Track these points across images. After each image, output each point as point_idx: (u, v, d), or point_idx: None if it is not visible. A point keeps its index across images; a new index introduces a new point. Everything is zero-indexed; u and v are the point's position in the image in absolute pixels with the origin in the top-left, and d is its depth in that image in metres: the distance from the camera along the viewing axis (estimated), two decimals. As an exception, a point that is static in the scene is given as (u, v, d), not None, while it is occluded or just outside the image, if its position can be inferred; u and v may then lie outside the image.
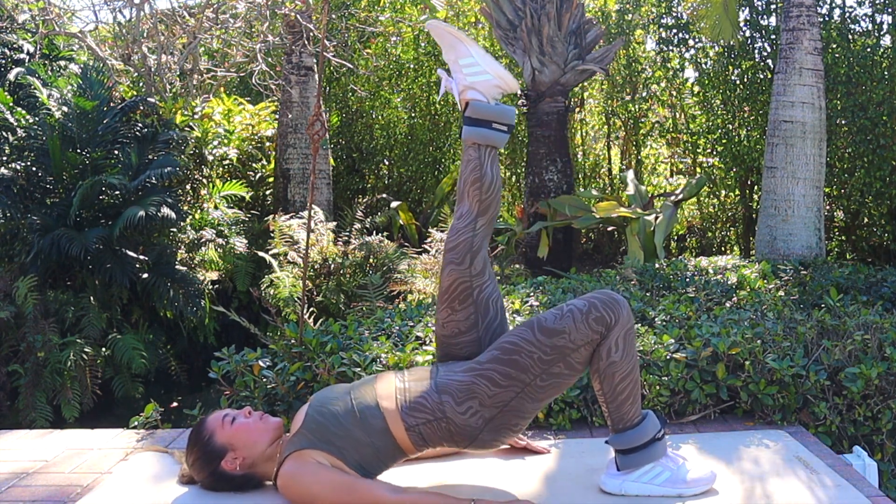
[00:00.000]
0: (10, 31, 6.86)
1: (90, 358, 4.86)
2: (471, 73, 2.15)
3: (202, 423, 2.16)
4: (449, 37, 2.15)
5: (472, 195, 2.13)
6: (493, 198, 2.14)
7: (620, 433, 2.09)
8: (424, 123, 8.87)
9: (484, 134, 2.13)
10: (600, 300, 2.02)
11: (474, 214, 2.13)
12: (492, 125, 2.13)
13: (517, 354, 2.00)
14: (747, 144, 6.82)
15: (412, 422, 2.01)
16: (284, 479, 2.01)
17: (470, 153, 2.15)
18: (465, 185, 2.14)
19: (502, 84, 2.15)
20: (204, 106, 6.91)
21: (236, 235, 6.28)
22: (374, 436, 2.02)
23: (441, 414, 2.00)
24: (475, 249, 2.11)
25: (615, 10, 8.47)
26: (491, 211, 2.14)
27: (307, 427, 2.05)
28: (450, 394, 2.01)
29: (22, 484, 2.40)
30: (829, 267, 4.70)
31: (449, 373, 2.06)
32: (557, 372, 2.00)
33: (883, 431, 2.68)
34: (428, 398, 2.02)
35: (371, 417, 2.03)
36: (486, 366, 2.02)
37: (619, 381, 2.03)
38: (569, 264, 6.42)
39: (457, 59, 2.16)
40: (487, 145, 2.14)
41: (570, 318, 2.00)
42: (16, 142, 5.48)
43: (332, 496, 1.95)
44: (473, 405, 2.00)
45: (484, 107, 2.14)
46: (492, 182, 2.13)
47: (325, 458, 2.01)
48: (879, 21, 6.68)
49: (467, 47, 2.14)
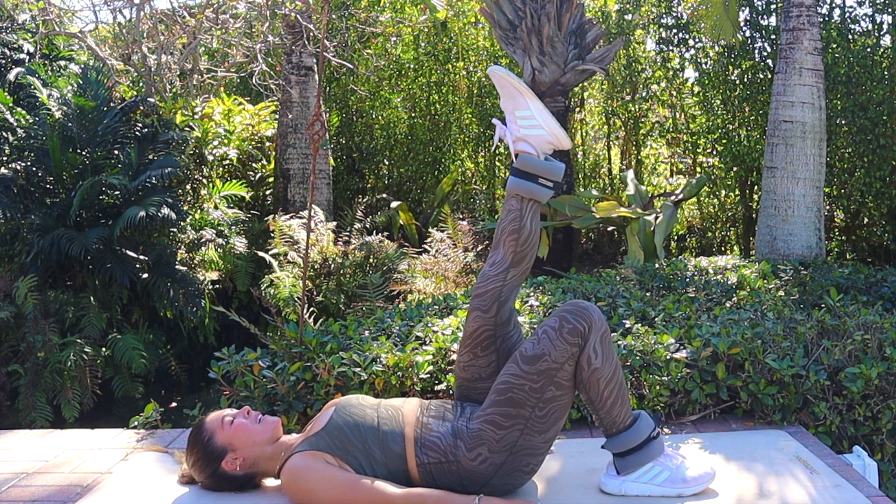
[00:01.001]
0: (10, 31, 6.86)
1: (90, 358, 4.86)
2: (526, 126, 2.16)
3: (202, 423, 2.17)
4: (510, 88, 2.16)
5: (508, 245, 2.15)
6: (529, 251, 2.16)
7: (615, 437, 2.10)
8: (424, 123, 8.87)
9: (529, 188, 2.15)
10: (569, 312, 2.03)
11: (507, 265, 2.15)
12: (538, 180, 2.15)
13: (510, 392, 2.01)
14: (747, 144, 6.82)
15: (424, 459, 2.02)
16: (289, 473, 2.01)
17: (512, 203, 2.17)
18: (503, 234, 2.17)
19: (555, 141, 2.16)
20: (204, 106, 6.91)
21: (236, 235, 6.28)
22: (390, 459, 2.03)
23: (453, 457, 2.02)
24: (503, 300, 2.14)
25: (615, 10, 8.47)
26: (525, 263, 2.17)
27: (328, 431, 2.06)
28: (463, 439, 2.03)
29: (22, 484, 2.40)
30: (829, 267, 4.70)
31: (466, 419, 2.08)
32: (550, 396, 2.01)
33: (883, 431, 2.68)
34: (443, 439, 2.04)
35: (392, 442, 2.04)
36: (488, 411, 2.03)
37: (605, 386, 2.03)
38: (569, 264, 6.42)
39: (514, 110, 2.18)
40: (531, 199, 2.16)
41: (546, 339, 2.01)
42: (16, 142, 5.48)
43: (336, 492, 1.96)
44: (483, 452, 2.01)
45: (534, 161, 2.15)
46: (529, 235, 2.15)
47: (335, 461, 2.02)
48: (879, 21, 6.68)
49: (527, 100, 2.15)
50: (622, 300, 3.57)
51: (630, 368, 2.74)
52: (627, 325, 3.14)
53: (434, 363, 2.83)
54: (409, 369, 2.77)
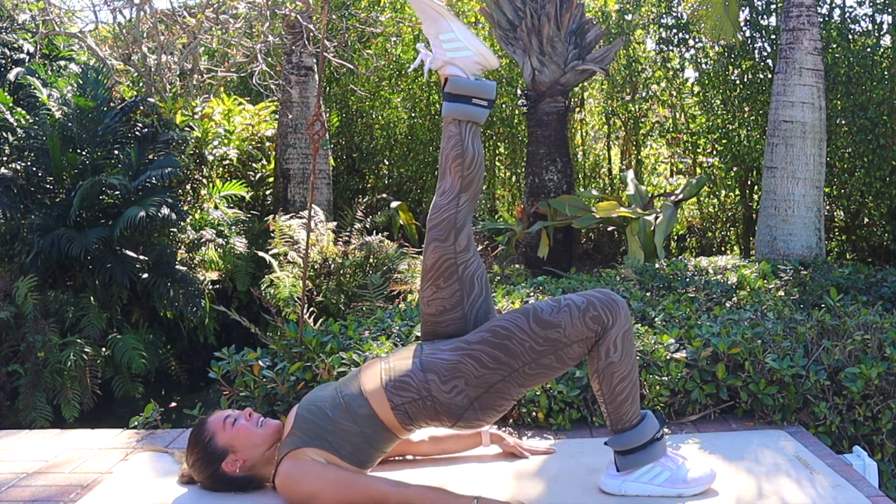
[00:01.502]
0: (10, 31, 6.86)
1: (90, 358, 4.86)
2: (451, 49, 2.12)
3: (203, 424, 2.16)
4: (430, 10, 2.11)
5: (454, 171, 2.11)
6: (476, 174, 2.12)
7: (619, 434, 2.09)
8: (424, 123, 8.87)
9: (464, 109, 2.10)
10: (599, 299, 2.01)
11: (457, 191, 2.11)
12: (472, 100, 2.11)
13: (508, 340, 1.99)
14: (747, 144, 6.82)
15: (398, 401, 2.01)
16: (282, 480, 2.01)
17: (451, 129, 2.12)
18: (447, 161, 2.12)
19: (482, 60, 2.12)
20: (204, 106, 6.91)
21: (236, 235, 6.28)
22: (362, 423, 2.02)
23: (426, 392, 2.00)
24: (459, 226, 2.09)
25: (615, 10, 8.47)
26: (473, 187, 2.12)
27: (298, 426, 2.06)
28: (435, 372, 2.01)
29: (22, 484, 2.40)
30: (829, 267, 4.70)
31: (434, 351, 2.05)
32: (547, 364, 2.00)
33: (883, 431, 2.68)
34: (413, 377, 2.02)
35: (357, 406, 2.04)
36: (475, 346, 2.01)
37: (618, 381, 2.02)
38: (569, 264, 6.42)
39: (438, 34, 2.13)
40: (468, 121, 2.11)
41: (567, 312, 1.99)
42: (16, 142, 5.48)
43: (332, 492, 1.96)
44: (459, 384, 1.99)
45: (464, 82, 2.11)
46: (473, 158, 2.11)
47: (319, 455, 2.01)
48: (879, 21, 6.68)
49: (448, 22, 2.11)
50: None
51: (630, 368, 2.74)
52: (627, 325, 3.14)
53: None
54: (409, 369, 2.77)
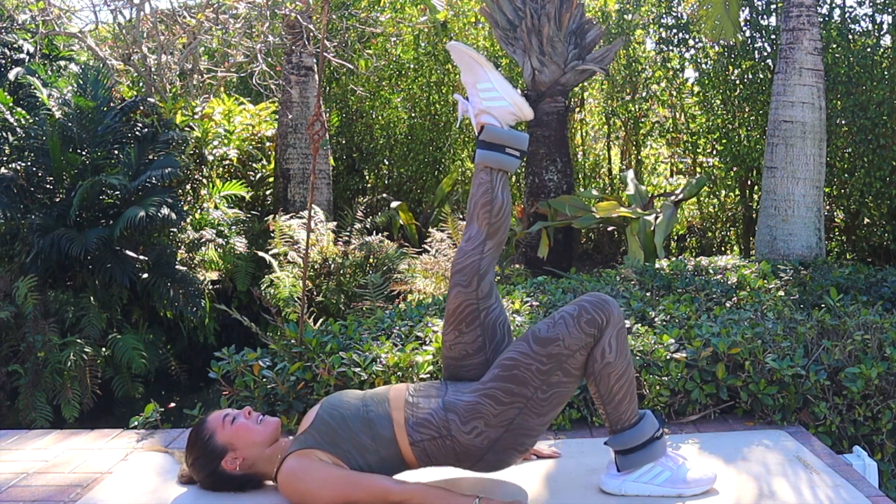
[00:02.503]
0: (10, 31, 6.86)
1: (90, 358, 4.86)
2: (487, 98, 2.17)
3: (202, 422, 2.17)
4: (468, 59, 2.17)
5: (482, 218, 2.15)
6: (503, 222, 2.16)
7: (619, 434, 2.10)
8: (424, 123, 8.87)
9: (497, 158, 2.15)
10: (589, 302, 2.03)
11: (483, 237, 2.14)
12: (505, 150, 2.15)
13: (516, 369, 2.00)
14: (747, 144, 6.82)
15: (417, 437, 2.02)
16: (286, 476, 2.02)
17: (482, 176, 2.16)
18: (476, 207, 2.16)
19: (517, 111, 2.17)
20: (204, 106, 6.91)
21: (236, 235, 6.28)
22: (381, 444, 2.03)
23: (446, 432, 2.01)
24: (482, 272, 2.12)
25: (615, 10, 8.47)
26: (500, 235, 2.16)
27: (316, 427, 2.06)
28: (456, 412, 2.02)
29: (22, 484, 2.40)
30: (829, 267, 4.69)
31: (457, 392, 2.07)
32: (556, 381, 2.01)
33: (883, 431, 2.68)
34: (434, 415, 2.03)
35: (380, 427, 2.04)
36: (489, 385, 2.03)
37: (615, 381, 2.03)
38: (569, 264, 6.42)
39: (475, 83, 2.18)
40: (499, 169, 2.16)
41: (563, 324, 2.01)
42: (16, 142, 5.48)
43: (334, 491, 1.96)
44: (479, 425, 2.00)
45: (498, 131, 2.16)
46: (502, 206, 2.15)
47: (328, 458, 2.01)
48: (879, 21, 6.68)
49: (486, 72, 2.16)
50: (622, 300, 3.57)
51: (630, 368, 2.74)
52: (627, 325, 3.15)
53: (434, 363, 2.83)
54: (409, 369, 2.77)
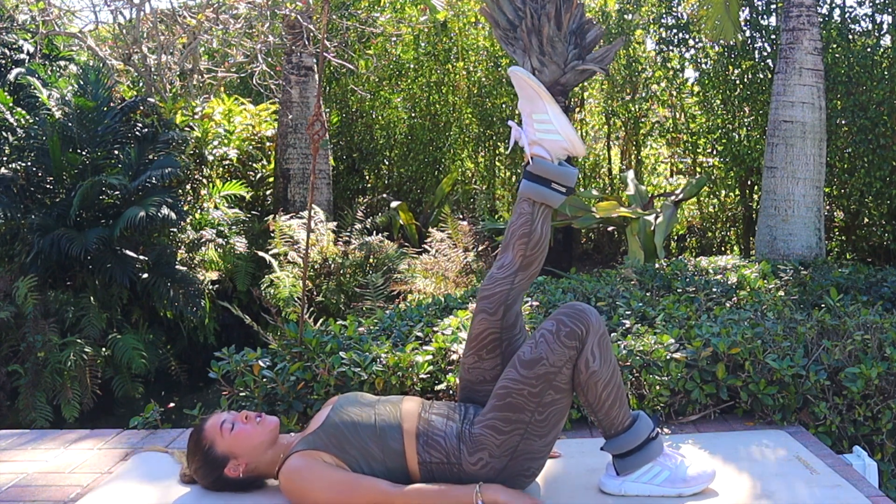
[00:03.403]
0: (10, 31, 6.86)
1: (90, 358, 4.86)
2: (542, 130, 2.14)
3: (200, 431, 2.15)
4: (529, 90, 2.16)
5: (518, 249, 2.12)
6: (538, 255, 2.13)
7: (614, 438, 2.10)
8: (424, 123, 8.86)
9: (541, 192, 2.12)
10: (566, 315, 2.02)
11: (515, 268, 2.12)
12: (551, 185, 2.12)
13: (509, 397, 2.00)
14: (747, 144, 6.81)
15: (426, 458, 2.02)
16: (288, 475, 2.01)
17: (523, 207, 2.14)
18: (513, 237, 2.14)
19: (570, 147, 2.14)
20: (204, 106, 6.91)
21: (236, 235, 6.28)
22: (388, 455, 2.02)
23: (455, 459, 2.01)
24: (510, 303, 2.12)
25: (615, 10, 8.46)
26: (533, 268, 2.14)
27: (325, 429, 2.06)
28: (465, 444, 2.02)
29: (22, 484, 2.40)
30: (829, 267, 4.69)
31: (470, 424, 2.07)
32: (550, 400, 2.00)
33: (883, 431, 2.68)
34: (447, 440, 2.03)
35: (390, 438, 2.03)
36: (489, 416, 2.03)
37: (602, 388, 2.03)
38: (569, 264, 6.42)
39: (531, 113, 2.16)
40: (542, 203, 2.13)
41: (544, 342, 2.00)
42: (16, 142, 5.48)
43: (334, 492, 1.96)
44: (484, 457, 2.00)
45: (548, 165, 2.13)
46: (539, 239, 2.12)
47: (332, 460, 2.01)
48: (879, 21, 6.68)
49: (545, 104, 2.15)
50: (622, 300, 3.57)
51: (630, 368, 2.74)
52: (627, 325, 3.14)
53: (434, 363, 2.83)
54: (409, 369, 2.77)
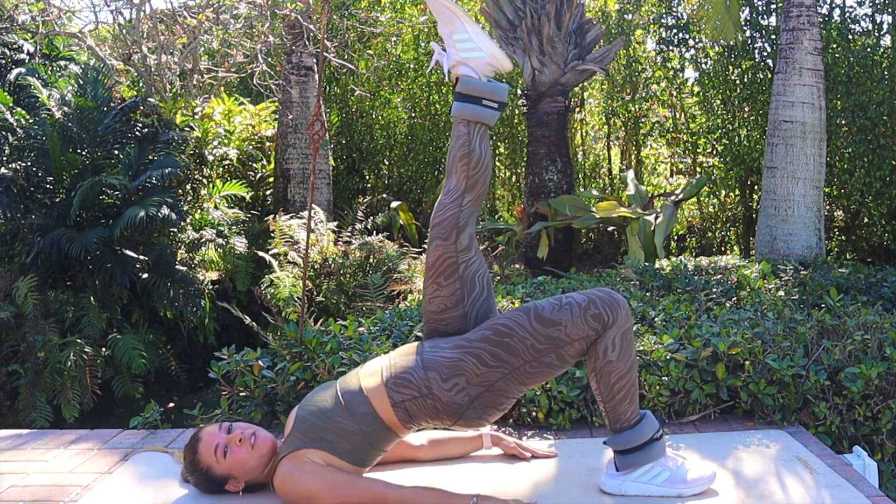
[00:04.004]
0: (10, 31, 6.86)
1: (90, 358, 4.86)
2: (464, 49, 2.13)
3: (195, 452, 2.14)
4: (445, 10, 2.13)
5: (460, 171, 2.12)
6: (481, 174, 2.13)
7: (618, 433, 2.10)
8: (424, 123, 8.87)
9: (473, 110, 2.12)
10: (600, 297, 2.01)
11: (461, 190, 2.12)
12: (482, 101, 2.12)
13: (509, 338, 1.99)
14: (747, 144, 6.82)
15: (398, 398, 2.02)
16: (281, 481, 2.02)
17: (459, 129, 2.14)
18: (454, 160, 2.13)
19: (495, 62, 2.13)
20: (204, 106, 6.91)
21: (236, 235, 6.28)
22: (362, 421, 2.02)
23: (427, 390, 2.00)
24: (461, 225, 2.10)
25: (615, 10, 8.47)
26: (478, 187, 2.14)
27: (298, 427, 2.07)
28: (436, 370, 2.01)
29: (22, 484, 2.40)
30: (829, 267, 4.70)
31: (435, 349, 2.06)
32: (548, 362, 2.01)
33: (883, 431, 2.68)
34: (414, 374, 2.02)
35: (357, 404, 2.04)
36: (476, 344, 2.02)
37: (616, 380, 2.02)
38: (569, 264, 6.42)
39: (451, 34, 2.14)
40: (477, 122, 2.13)
41: (568, 310, 1.99)
42: (16, 142, 5.48)
43: (331, 495, 1.96)
44: (460, 382, 2.00)
45: (475, 83, 2.13)
46: (480, 158, 2.12)
47: (318, 456, 2.01)
48: (879, 21, 6.68)
49: (463, 23, 2.12)
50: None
51: (630, 368, 2.74)
52: (627, 325, 3.14)
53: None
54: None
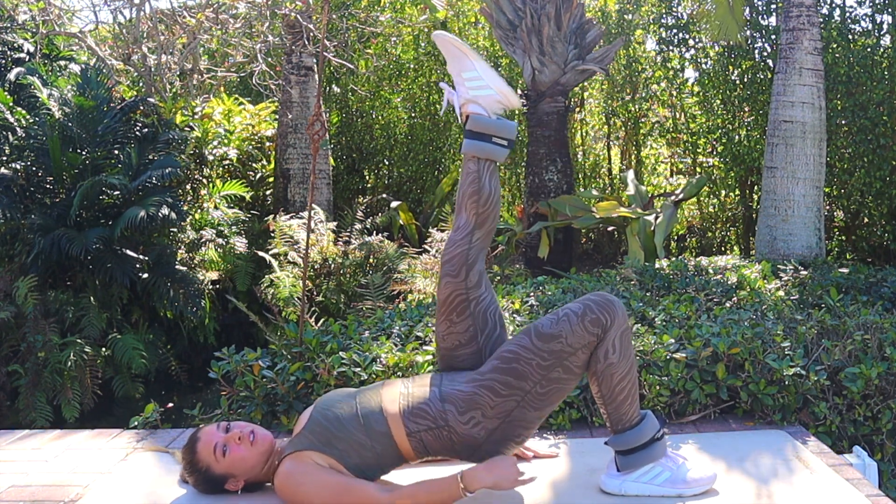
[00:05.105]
0: (10, 31, 6.86)
1: (90, 358, 4.86)
2: (473, 87, 2.16)
3: (194, 452, 2.14)
4: (453, 49, 2.15)
5: (470, 208, 2.14)
6: (491, 211, 2.15)
7: (620, 434, 2.10)
8: (424, 123, 8.87)
9: (483, 147, 2.14)
10: (595, 302, 2.02)
11: (471, 227, 2.14)
12: (492, 139, 2.14)
13: (516, 362, 2.00)
14: (747, 144, 6.82)
15: (413, 427, 2.02)
16: (281, 479, 2.02)
17: (469, 166, 2.16)
18: (464, 197, 2.15)
19: (504, 100, 2.16)
20: (204, 106, 6.91)
21: (236, 235, 6.28)
22: (376, 440, 2.02)
23: (443, 422, 2.01)
24: (471, 262, 2.12)
25: (615, 10, 8.47)
26: (488, 224, 2.15)
27: (310, 429, 2.06)
28: (453, 403, 2.02)
29: (22, 484, 2.40)
30: (829, 267, 4.70)
31: (452, 382, 2.07)
32: (556, 377, 2.01)
33: (883, 431, 2.68)
34: (431, 405, 2.03)
35: (374, 422, 2.03)
36: (487, 376, 2.03)
37: (618, 381, 2.03)
38: (569, 264, 6.42)
39: (460, 72, 2.17)
40: (487, 159, 2.15)
41: (567, 321, 2.01)
42: (16, 142, 5.48)
43: (327, 496, 1.96)
44: (476, 416, 2.00)
45: (485, 121, 2.15)
46: (490, 195, 2.14)
47: (323, 459, 2.02)
48: (879, 21, 6.67)
49: (471, 61, 2.15)
50: (622, 300, 3.57)
51: (630, 368, 2.74)
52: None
53: (434, 363, 2.83)
54: (409, 369, 2.77)
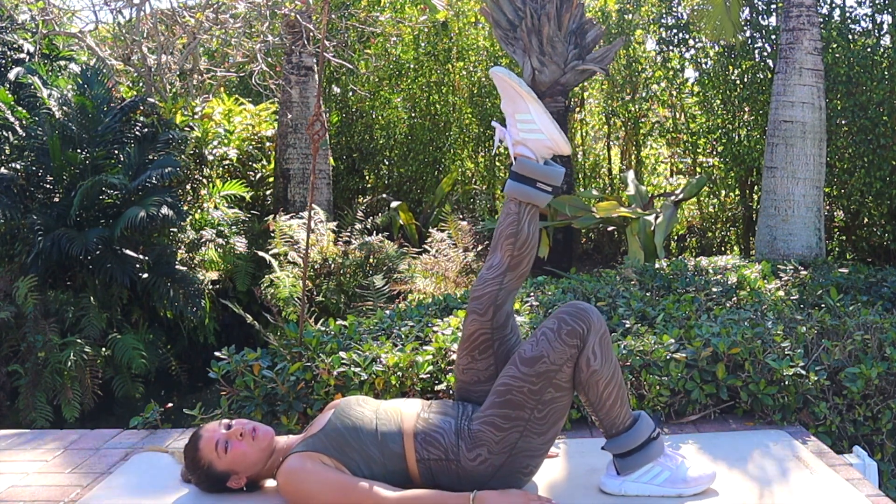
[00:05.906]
0: (10, 31, 6.86)
1: (90, 358, 4.86)
2: (525, 130, 2.15)
3: (196, 450, 2.14)
4: (510, 90, 2.14)
5: (506, 249, 2.14)
6: (527, 254, 2.15)
7: (615, 438, 2.10)
8: (424, 123, 8.87)
9: (527, 192, 2.13)
10: (568, 314, 2.03)
11: (504, 268, 2.14)
12: (536, 184, 2.13)
13: (509, 394, 2.01)
14: (747, 144, 6.82)
15: (424, 455, 2.03)
16: (286, 476, 2.02)
17: (510, 207, 2.16)
18: (500, 237, 2.16)
19: (554, 146, 2.14)
20: (204, 106, 6.91)
21: (236, 235, 6.28)
22: (388, 457, 2.03)
23: (454, 456, 2.02)
24: (499, 303, 2.13)
25: (615, 10, 8.47)
26: (522, 267, 2.16)
27: (326, 432, 2.06)
28: (464, 440, 2.03)
29: (22, 484, 2.40)
30: (829, 267, 4.70)
31: (468, 420, 2.08)
32: (549, 398, 2.01)
33: (883, 431, 2.68)
34: (445, 437, 2.04)
35: (390, 441, 2.04)
36: (487, 412, 2.04)
37: (604, 387, 2.03)
38: (569, 264, 6.42)
39: (514, 113, 2.16)
40: (528, 203, 2.14)
41: (545, 340, 2.01)
42: (16, 141, 5.48)
43: (331, 494, 1.96)
44: (482, 453, 2.01)
45: (531, 165, 2.14)
46: (527, 239, 2.14)
47: (332, 462, 2.02)
48: (879, 21, 6.67)
49: (527, 103, 2.13)
50: (622, 300, 3.57)
51: (630, 368, 2.74)
52: (627, 325, 3.15)
53: (434, 363, 2.83)
54: (409, 369, 2.77)
